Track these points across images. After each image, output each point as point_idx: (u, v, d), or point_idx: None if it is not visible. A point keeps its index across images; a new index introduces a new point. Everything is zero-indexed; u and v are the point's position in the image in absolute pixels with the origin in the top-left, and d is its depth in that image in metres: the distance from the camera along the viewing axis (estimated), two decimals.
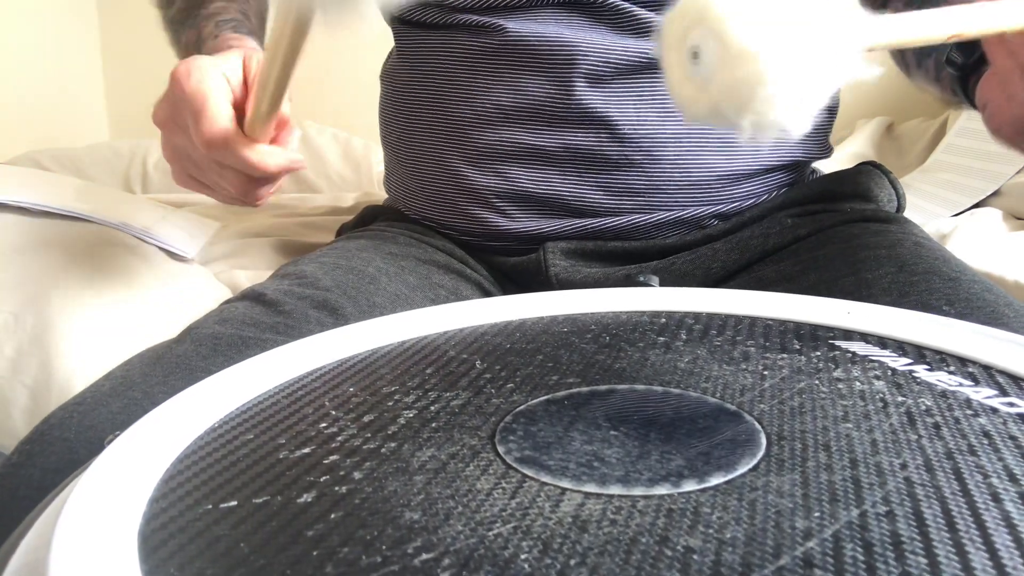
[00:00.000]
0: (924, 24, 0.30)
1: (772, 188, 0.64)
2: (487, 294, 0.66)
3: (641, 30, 0.59)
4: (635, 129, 0.59)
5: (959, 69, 0.54)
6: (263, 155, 0.51)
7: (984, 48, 0.47)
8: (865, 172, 0.67)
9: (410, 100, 0.67)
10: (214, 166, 0.52)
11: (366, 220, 0.76)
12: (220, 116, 0.49)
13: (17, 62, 1.64)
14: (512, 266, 0.65)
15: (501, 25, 0.60)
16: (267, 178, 0.53)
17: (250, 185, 0.54)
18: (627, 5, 0.59)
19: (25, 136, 1.62)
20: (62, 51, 1.82)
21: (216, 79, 0.51)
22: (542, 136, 0.60)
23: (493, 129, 0.61)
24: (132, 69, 1.87)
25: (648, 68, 0.59)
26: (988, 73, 0.47)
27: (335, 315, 0.52)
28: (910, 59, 0.64)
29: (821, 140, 0.67)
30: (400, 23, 0.69)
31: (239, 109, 0.52)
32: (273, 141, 0.53)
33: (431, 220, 0.68)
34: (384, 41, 0.72)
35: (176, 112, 0.52)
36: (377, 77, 0.74)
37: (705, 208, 0.61)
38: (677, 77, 0.28)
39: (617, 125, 0.58)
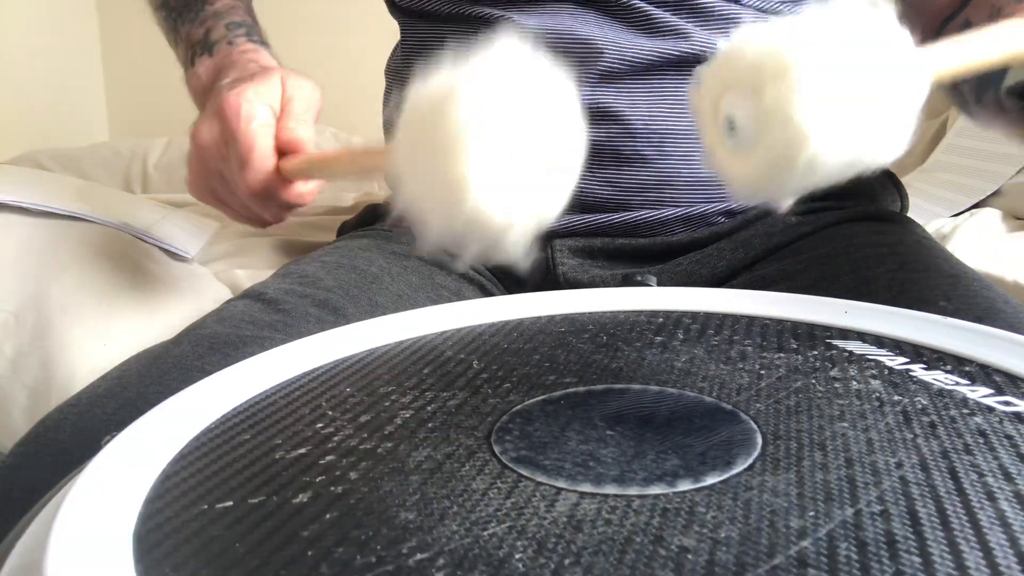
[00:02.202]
0: (982, 44, 0.27)
1: None
2: (489, 295, 0.66)
3: (655, 30, 0.59)
4: (647, 125, 0.59)
5: (1022, 98, 0.50)
6: (300, 195, 0.55)
7: None
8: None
9: None
10: (254, 200, 0.55)
11: (367, 219, 0.76)
12: (264, 166, 0.52)
13: (17, 62, 1.64)
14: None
15: (514, 20, 0.60)
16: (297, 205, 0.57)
17: (282, 212, 0.57)
18: (642, 4, 0.59)
19: (25, 136, 1.62)
20: (62, 51, 1.82)
21: (263, 118, 0.53)
22: None
23: None
24: (132, 69, 1.87)
25: (661, 67, 0.59)
26: None
27: (336, 314, 0.52)
28: (968, 96, 0.59)
29: None
30: (408, 15, 0.68)
31: (278, 139, 0.54)
32: None
33: None
34: (384, 40, 0.72)
35: (223, 143, 0.55)
36: (376, 77, 0.74)
37: (713, 205, 0.62)
38: (717, 151, 0.26)
39: (629, 121, 0.58)
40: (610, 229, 0.61)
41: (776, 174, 0.24)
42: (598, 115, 0.59)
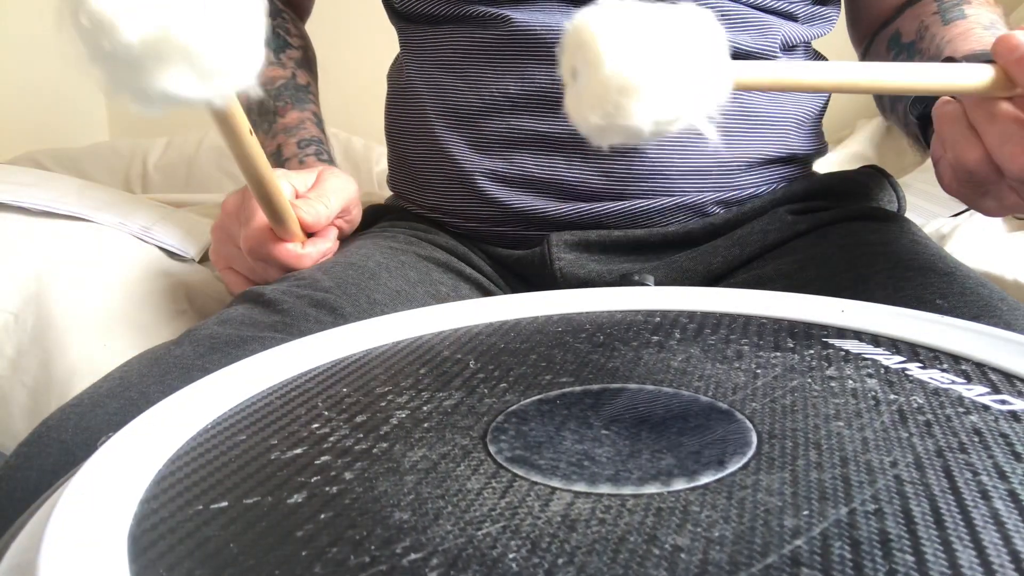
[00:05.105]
0: (793, 72, 0.34)
1: (773, 181, 0.65)
2: (487, 294, 0.66)
3: None
4: None
5: (920, 118, 0.56)
6: (296, 257, 0.59)
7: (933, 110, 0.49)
8: (867, 174, 0.68)
9: (417, 94, 0.68)
10: (254, 257, 0.60)
11: (368, 220, 0.77)
12: (260, 223, 0.58)
13: (17, 62, 1.64)
14: (517, 259, 0.65)
15: (508, 16, 0.61)
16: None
17: (285, 273, 0.61)
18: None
19: (25, 136, 1.62)
20: (62, 51, 1.82)
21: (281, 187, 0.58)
22: (548, 122, 0.61)
23: (500, 117, 0.62)
24: None
25: None
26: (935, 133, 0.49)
27: (334, 314, 0.53)
28: (885, 103, 0.68)
29: (815, 135, 0.68)
30: (406, 20, 0.69)
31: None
32: (312, 235, 0.61)
33: (436, 210, 0.68)
34: (385, 41, 0.73)
35: (240, 209, 0.60)
36: (377, 78, 0.75)
37: (708, 194, 0.62)
38: (568, 97, 0.30)
39: None
40: (606, 219, 0.62)
41: (601, 108, 0.28)
42: None
